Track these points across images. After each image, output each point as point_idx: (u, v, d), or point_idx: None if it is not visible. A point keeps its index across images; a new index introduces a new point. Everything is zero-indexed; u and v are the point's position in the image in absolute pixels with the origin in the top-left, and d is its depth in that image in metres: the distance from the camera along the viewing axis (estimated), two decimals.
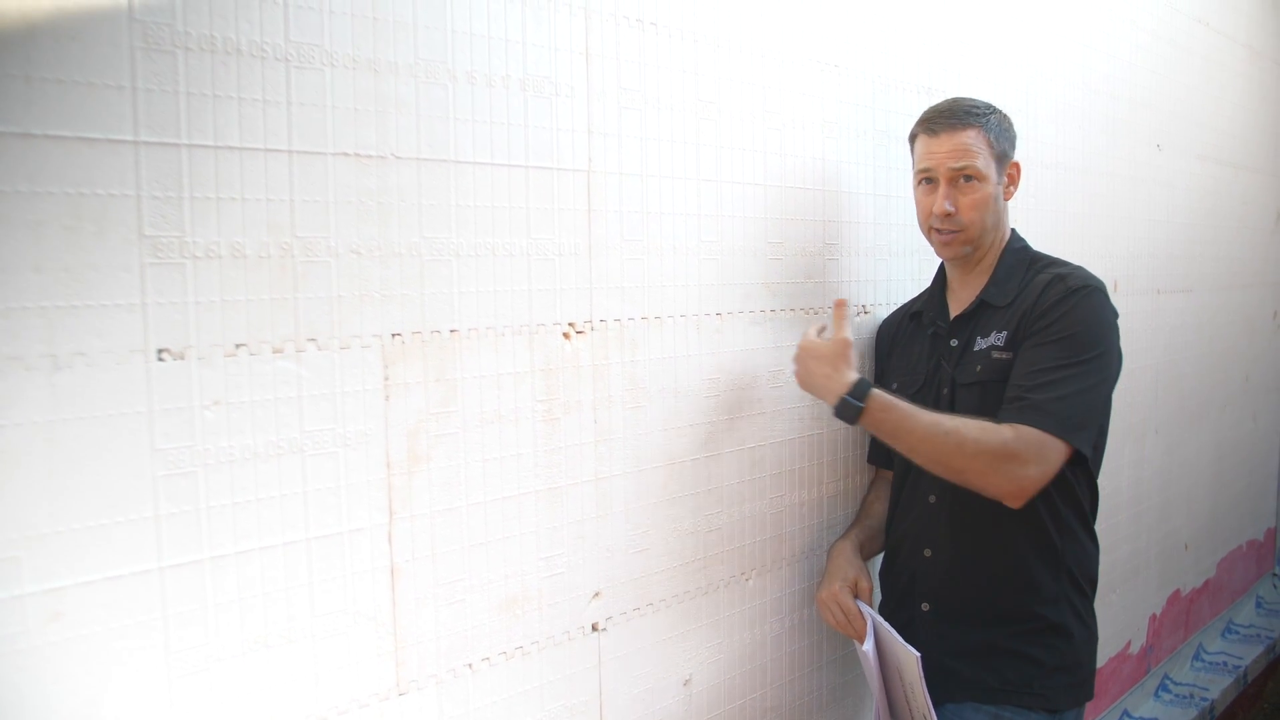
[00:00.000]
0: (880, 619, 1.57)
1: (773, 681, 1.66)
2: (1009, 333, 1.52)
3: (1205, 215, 3.12)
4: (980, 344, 1.56)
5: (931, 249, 1.65)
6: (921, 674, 1.48)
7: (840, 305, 1.53)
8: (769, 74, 1.56)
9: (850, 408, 1.43)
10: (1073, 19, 2.38)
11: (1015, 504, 1.41)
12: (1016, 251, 1.61)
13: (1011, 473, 1.38)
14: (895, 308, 1.82)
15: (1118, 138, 2.59)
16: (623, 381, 1.38)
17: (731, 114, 1.51)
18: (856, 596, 1.60)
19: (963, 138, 1.53)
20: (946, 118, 1.55)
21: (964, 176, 1.53)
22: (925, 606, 1.61)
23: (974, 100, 1.59)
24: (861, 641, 1.55)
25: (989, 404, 1.49)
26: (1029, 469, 1.38)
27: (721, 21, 1.48)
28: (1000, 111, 1.60)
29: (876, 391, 1.44)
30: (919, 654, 1.47)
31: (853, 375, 1.46)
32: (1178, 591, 3.15)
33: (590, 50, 1.31)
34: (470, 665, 1.22)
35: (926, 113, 1.60)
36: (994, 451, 1.38)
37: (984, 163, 1.54)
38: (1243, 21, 3.33)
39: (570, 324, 1.31)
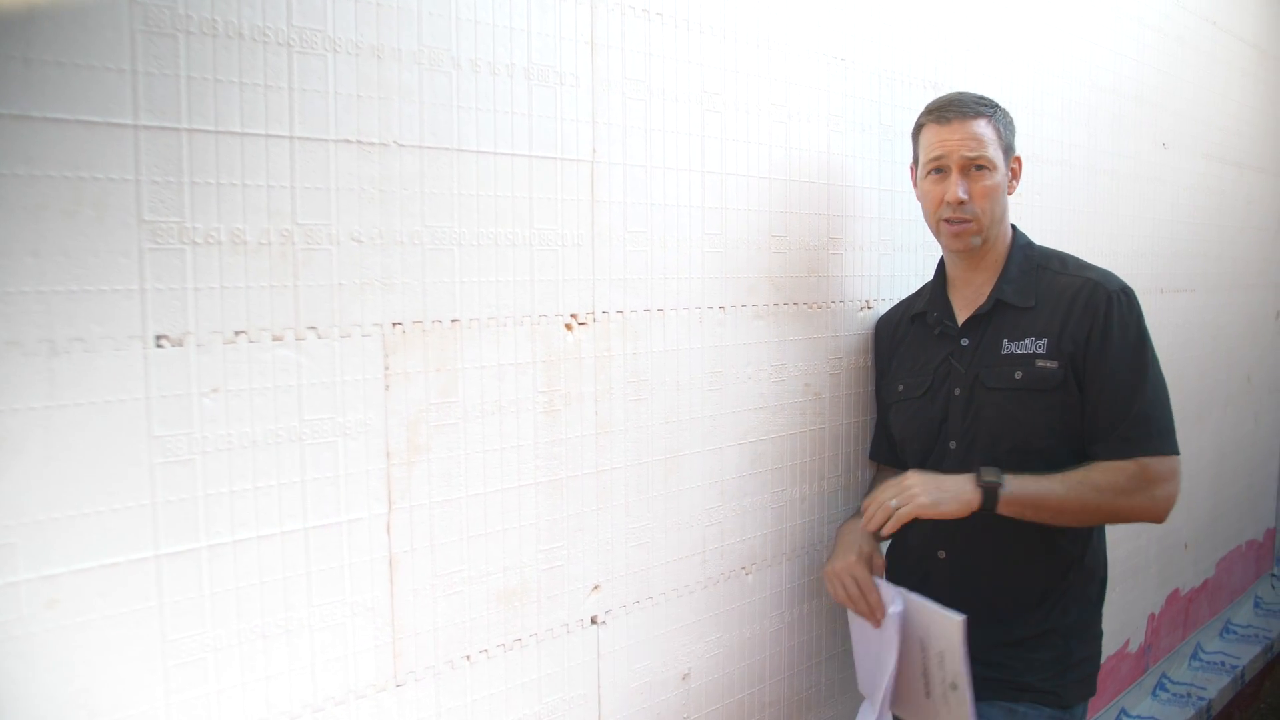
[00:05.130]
0: (906, 590, 1.53)
1: (772, 676, 1.66)
2: (1050, 341, 1.51)
3: (1210, 215, 3.10)
4: (1010, 348, 1.54)
5: (936, 244, 1.64)
6: (964, 638, 1.43)
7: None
8: (775, 66, 1.55)
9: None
10: (1079, 16, 2.36)
11: (1162, 521, 1.53)
12: (1024, 248, 1.61)
13: (1159, 501, 1.49)
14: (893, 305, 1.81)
15: (1123, 136, 2.58)
16: (624, 374, 1.37)
17: (736, 106, 1.50)
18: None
19: (974, 127, 1.53)
20: (958, 107, 1.55)
21: (976, 165, 1.53)
22: None
23: (978, 94, 1.60)
24: (869, 619, 1.53)
25: (1023, 410, 1.50)
26: (1168, 490, 1.50)
27: (727, 12, 1.47)
28: (1001, 106, 1.61)
29: (1003, 496, 1.45)
30: (963, 616, 1.43)
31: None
32: (1177, 591, 3.14)
33: (595, 40, 1.30)
34: (468, 657, 1.21)
35: (933, 104, 1.59)
36: (1139, 492, 1.48)
37: (994, 152, 1.54)
38: (1250, 21, 3.32)
39: (572, 315, 1.30)
